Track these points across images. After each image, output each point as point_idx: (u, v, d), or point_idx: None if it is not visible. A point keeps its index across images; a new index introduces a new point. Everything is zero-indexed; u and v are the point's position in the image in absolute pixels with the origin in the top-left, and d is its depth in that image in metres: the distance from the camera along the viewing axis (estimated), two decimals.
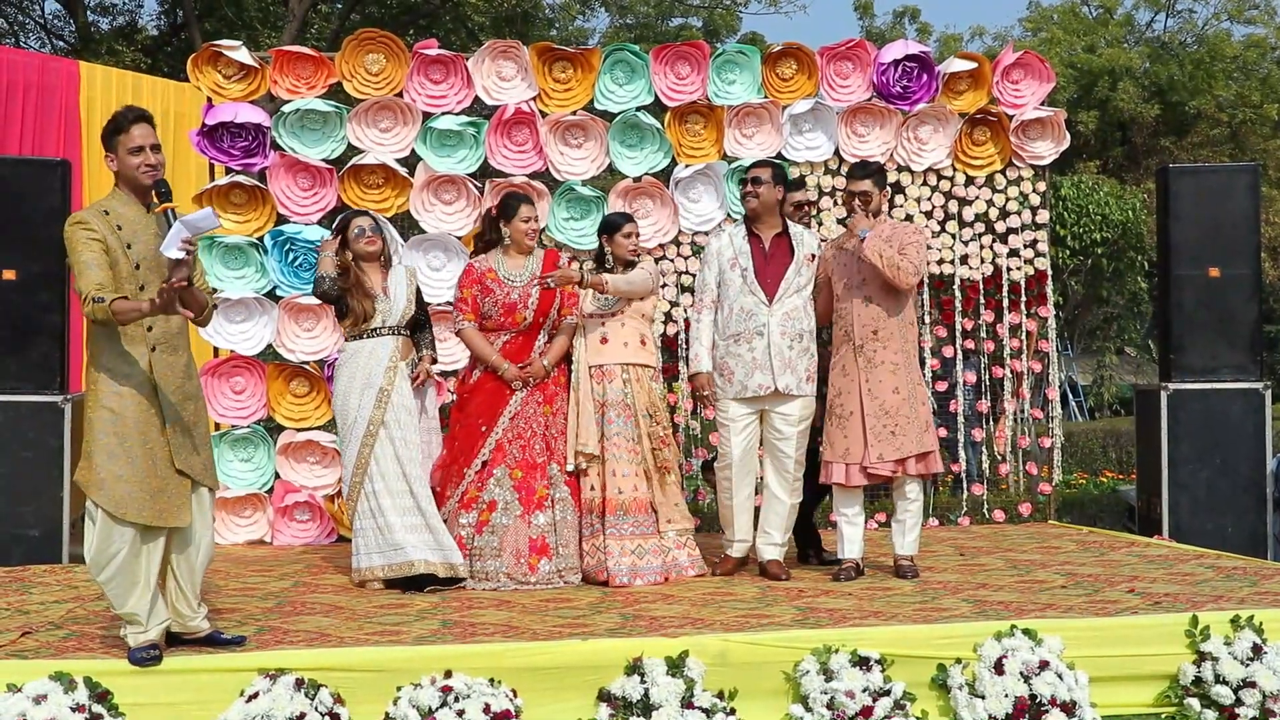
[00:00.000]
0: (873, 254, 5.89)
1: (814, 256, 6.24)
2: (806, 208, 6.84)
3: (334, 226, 6.24)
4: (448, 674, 4.29)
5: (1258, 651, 4.63)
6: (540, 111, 7.86)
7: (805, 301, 6.17)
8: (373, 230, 6.14)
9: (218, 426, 7.83)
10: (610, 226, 6.36)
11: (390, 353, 6.06)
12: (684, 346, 7.67)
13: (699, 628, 4.82)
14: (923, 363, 8.14)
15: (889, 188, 8.05)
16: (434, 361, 6.36)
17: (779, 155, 7.93)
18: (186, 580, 4.63)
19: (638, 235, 6.40)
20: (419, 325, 6.27)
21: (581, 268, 6.25)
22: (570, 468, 6.15)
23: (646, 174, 7.93)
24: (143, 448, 4.40)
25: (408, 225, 8.03)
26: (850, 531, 6.10)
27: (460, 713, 4.16)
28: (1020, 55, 8.20)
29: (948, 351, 8.24)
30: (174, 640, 4.60)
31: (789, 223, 6.29)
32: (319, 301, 6.55)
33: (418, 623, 5.09)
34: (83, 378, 4.56)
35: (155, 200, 4.47)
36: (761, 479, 6.30)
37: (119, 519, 4.34)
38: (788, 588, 5.84)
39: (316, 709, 4.18)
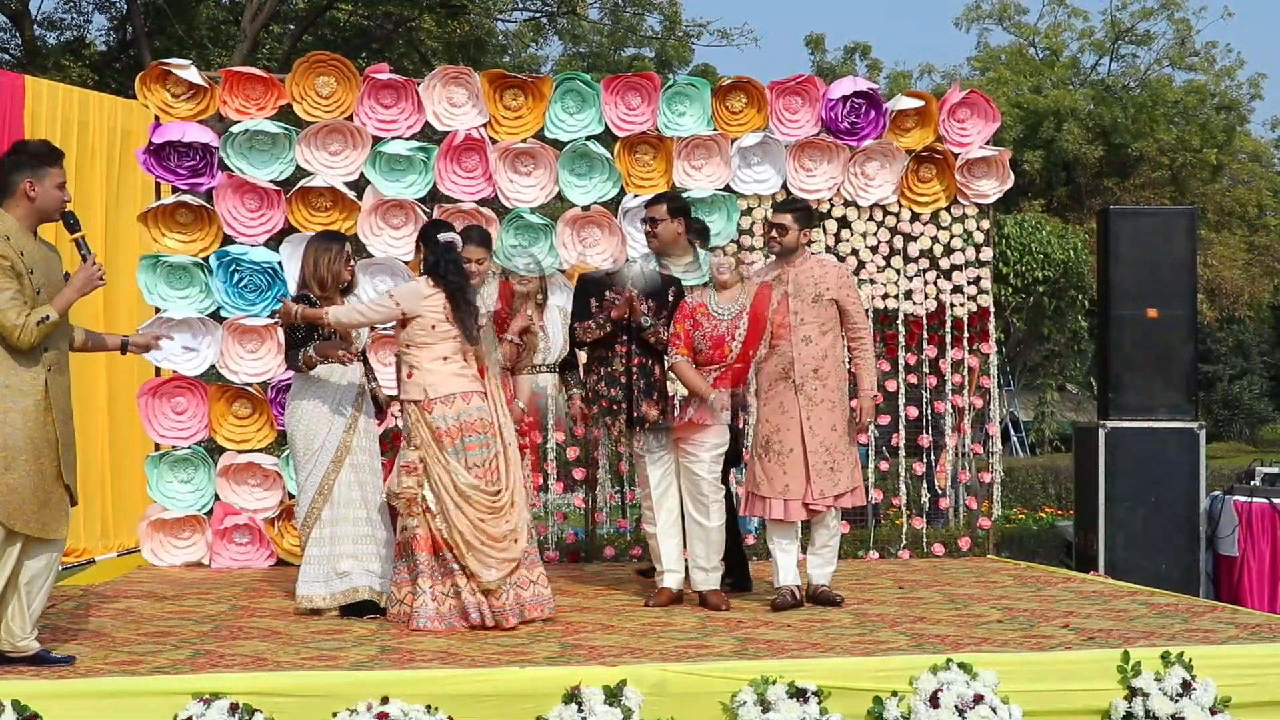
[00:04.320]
0: (874, 394, 6.27)
1: None
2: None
3: (321, 251, 6.12)
4: (385, 700, 4.25)
5: (1187, 688, 4.69)
6: (490, 138, 7.88)
7: None
8: (352, 259, 6.18)
9: (157, 447, 7.75)
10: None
11: (361, 380, 6.07)
12: None
13: (638, 657, 4.83)
14: None
15: (835, 222, 8.16)
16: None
17: (726, 187, 8.00)
18: (39, 595, 4.72)
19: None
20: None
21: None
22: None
23: (595, 203, 7.96)
24: (34, 463, 4.56)
25: (355, 249, 7.97)
26: (784, 559, 6.17)
27: None
28: (966, 94, 8.30)
29: (890, 385, 8.29)
30: None
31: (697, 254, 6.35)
32: (264, 323, 6.44)
33: (355, 648, 5.06)
34: None
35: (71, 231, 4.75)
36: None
37: (8, 528, 4.51)
38: (727, 618, 5.85)
39: None
